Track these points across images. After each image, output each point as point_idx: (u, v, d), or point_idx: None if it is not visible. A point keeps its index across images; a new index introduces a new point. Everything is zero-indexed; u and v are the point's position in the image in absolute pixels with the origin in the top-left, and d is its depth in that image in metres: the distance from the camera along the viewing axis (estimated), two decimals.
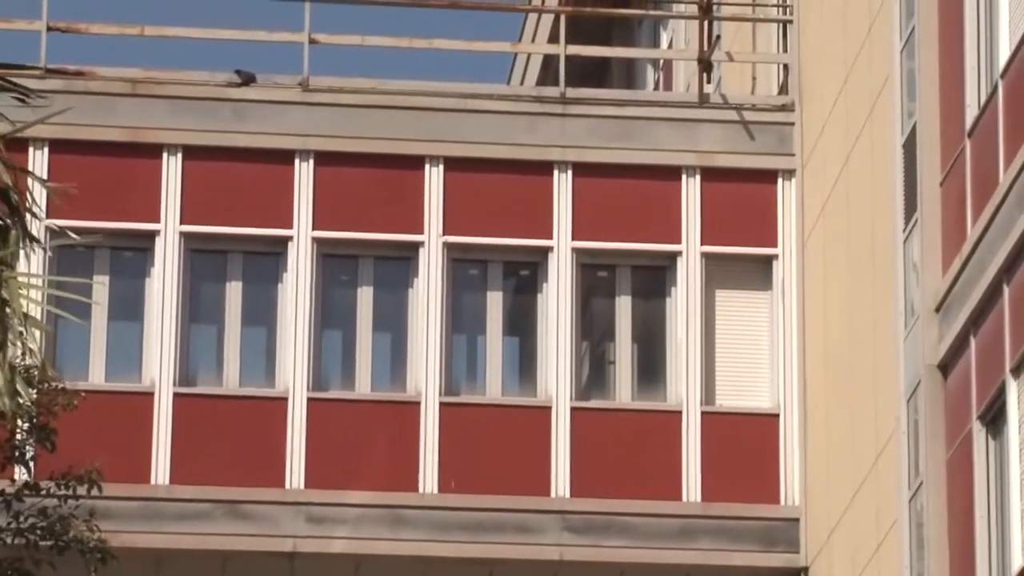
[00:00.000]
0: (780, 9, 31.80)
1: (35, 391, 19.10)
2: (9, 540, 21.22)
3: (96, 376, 28.09)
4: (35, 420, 20.48)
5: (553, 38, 34.44)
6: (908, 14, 27.13)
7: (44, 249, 21.66)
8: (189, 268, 29.12)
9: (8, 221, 15.91)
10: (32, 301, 16.17)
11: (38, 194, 19.57)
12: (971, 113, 24.59)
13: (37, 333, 16.24)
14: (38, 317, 16.31)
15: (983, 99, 24.56)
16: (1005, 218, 23.15)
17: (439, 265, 29.35)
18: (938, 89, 25.97)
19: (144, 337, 29.14)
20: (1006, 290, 23.55)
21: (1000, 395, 23.47)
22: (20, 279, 16.11)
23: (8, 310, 15.83)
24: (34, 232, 16.67)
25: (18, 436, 20.82)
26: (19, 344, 15.88)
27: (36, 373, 19.41)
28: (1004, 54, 23.75)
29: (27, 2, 30.76)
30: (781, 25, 31.53)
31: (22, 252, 16.20)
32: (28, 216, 16.18)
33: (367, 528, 28.54)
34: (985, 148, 24.34)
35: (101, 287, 29.24)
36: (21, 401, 16.45)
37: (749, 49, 32.54)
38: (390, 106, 29.91)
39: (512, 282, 30.28)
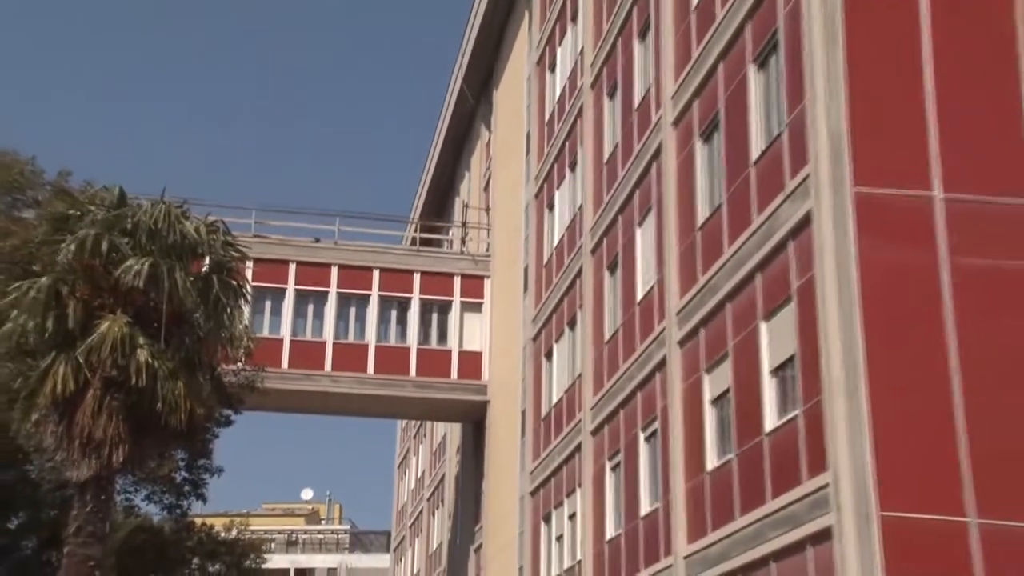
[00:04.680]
0: (488, 223, 32.03)
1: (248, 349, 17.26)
2: (232, 384, 19.52)
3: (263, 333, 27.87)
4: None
5: (416, 229, 35.95)
6: (527, 226, 27.23)
7: (249, 301, 18.93)
8: (296, 303, 29.09)
9: (237, 285, 17.09)
10: (247, 333, 17.62)
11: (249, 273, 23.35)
12: (546, 256, 25.56)
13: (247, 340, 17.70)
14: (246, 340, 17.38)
15: (553, 248, 25.00)
16: (555, 292, 24.31)
17: (376, 303, 29.44)
18: (535, 258, 26.59)
19: (281, 322, 28.87)
20: (563, 306, 23.98)
21: (561, 337, 24.15)
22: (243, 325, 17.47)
23: (244, 337, 17.19)
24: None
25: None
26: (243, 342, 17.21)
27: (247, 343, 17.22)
28: (556, 237, 24.58)
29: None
30: (488, 229, 31.89)
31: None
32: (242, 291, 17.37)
33: (351, 384, 28.73)
34: (548, 272, 25.41)
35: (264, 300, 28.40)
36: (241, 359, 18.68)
37: (477, 235, 32.44)
38: (362, 251, 29.65)
39: (398, 309, 29.81)
